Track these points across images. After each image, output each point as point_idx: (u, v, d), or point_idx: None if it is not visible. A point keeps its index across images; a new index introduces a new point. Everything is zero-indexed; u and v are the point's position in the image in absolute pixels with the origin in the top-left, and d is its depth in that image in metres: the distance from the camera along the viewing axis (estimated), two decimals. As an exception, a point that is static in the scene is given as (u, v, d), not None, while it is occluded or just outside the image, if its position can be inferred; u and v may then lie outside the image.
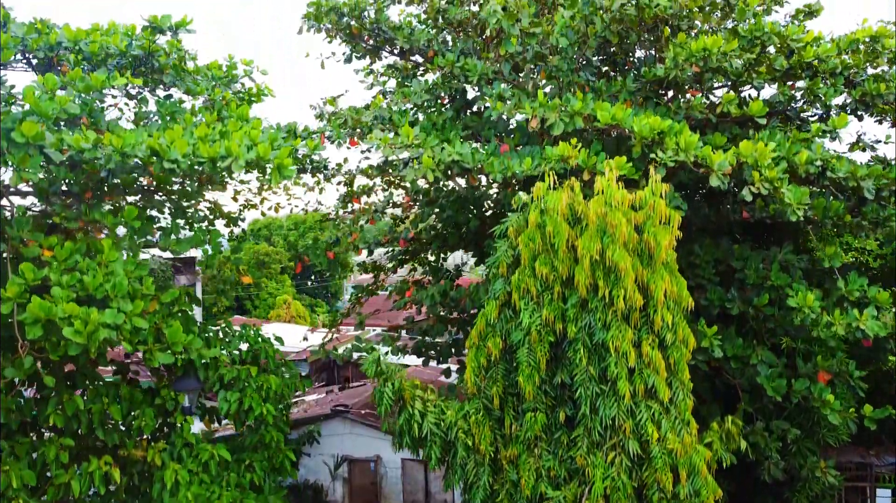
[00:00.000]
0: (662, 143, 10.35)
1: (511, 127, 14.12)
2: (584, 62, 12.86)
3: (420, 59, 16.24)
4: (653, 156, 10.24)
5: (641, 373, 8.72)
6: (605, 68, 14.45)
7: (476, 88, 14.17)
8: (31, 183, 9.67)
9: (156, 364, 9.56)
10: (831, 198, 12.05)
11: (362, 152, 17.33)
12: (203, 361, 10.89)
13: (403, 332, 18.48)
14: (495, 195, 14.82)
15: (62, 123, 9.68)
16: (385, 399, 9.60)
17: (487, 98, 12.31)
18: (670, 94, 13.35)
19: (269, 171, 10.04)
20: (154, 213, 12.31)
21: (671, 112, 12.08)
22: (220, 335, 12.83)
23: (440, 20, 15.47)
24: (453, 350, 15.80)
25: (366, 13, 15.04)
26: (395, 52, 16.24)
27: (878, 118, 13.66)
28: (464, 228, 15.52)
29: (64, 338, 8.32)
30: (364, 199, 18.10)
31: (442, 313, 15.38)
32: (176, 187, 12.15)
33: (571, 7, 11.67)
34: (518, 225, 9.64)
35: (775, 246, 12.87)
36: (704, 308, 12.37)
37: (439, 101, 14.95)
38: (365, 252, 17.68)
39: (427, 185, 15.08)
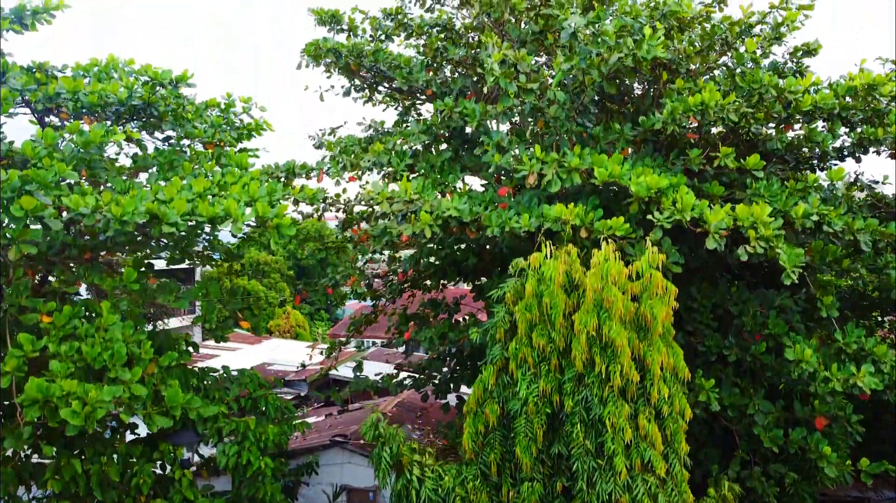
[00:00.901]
0: (660, 202, 10.36)
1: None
2: (582, 109, 12.83)
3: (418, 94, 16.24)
4: (650, 217, 10.25)
5: (638, 446, 8.73)
6: (604, 100, 14.41)
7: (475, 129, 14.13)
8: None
9: (154, 429, 9.58)
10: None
11: (360, 186, 17.37)
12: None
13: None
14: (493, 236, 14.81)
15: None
16: (383, 464, 9.64)
17: (486, 146, 12.28)
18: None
19: (268, 225, 10.17)
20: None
21: (669, 162, 12.08)
22: (218, 380, 12.86)
23: (438, 57, 15.45)
24: (451, 385, 15.83)
25: (363, 53, 15.04)
26: (394, 88, 16.24)
27: (876, 150, 13.67)
28: (463, 264, 15.54)
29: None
30: (363, 224, 18.18)
31: (441, 348, 15.39)
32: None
33: (569, 60, 11.65)
34: (515, 291, 9.64)
35: (773, 287, 12.87)
36: (702, 353, 12.41)
37: (438, 138, 14.91)
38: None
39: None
